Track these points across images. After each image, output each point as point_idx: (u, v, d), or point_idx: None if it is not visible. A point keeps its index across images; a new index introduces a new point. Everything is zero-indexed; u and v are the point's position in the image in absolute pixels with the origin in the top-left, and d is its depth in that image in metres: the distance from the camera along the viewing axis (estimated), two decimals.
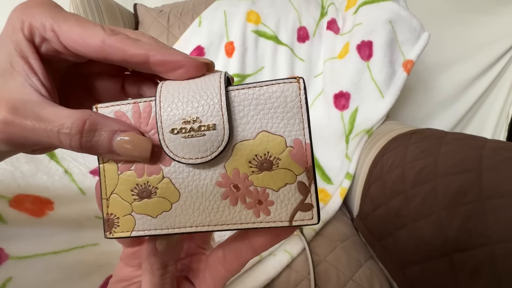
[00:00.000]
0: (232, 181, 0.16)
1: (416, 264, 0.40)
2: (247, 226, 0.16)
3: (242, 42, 0.78)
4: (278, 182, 0.16)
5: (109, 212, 0.17)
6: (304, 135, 0.15)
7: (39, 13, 0.15)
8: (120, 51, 0.15)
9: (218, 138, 0.15)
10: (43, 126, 0.14)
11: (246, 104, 0.16)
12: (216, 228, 0.16)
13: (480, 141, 0.40)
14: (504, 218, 0.31)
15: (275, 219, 0.16)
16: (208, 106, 0.15)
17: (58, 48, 0.16)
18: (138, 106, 0.16)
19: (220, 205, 0.16)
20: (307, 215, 0.15)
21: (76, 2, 0.74)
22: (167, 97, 0.16)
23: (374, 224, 0.52)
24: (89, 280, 0.39)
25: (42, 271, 0.37)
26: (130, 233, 0.17)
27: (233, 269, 0.18)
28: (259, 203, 0.16)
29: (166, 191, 0.16)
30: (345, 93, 0.71)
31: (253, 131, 0.16)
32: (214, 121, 0.15)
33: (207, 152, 0.15)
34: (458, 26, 0.98)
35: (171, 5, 0.90)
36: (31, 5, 0.16)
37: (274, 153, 0.16)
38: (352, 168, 0.63)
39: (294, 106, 0.15)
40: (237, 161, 0.16)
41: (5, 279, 0.34)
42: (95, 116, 0.15)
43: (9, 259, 0.36)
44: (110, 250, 0.43)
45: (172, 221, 0.16)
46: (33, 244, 0.39)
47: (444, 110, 1.05)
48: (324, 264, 0.46)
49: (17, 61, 0.15)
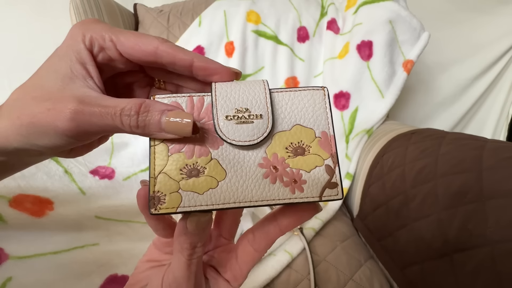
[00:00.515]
0: (272, 163, 0.19)
1: (416, 264, 0.40)
2: (284, 202, 0.18)
3: (242, 42, 0.78)
4: (310, 165, 0.19)
5: (156, 189, 0.18)
6: (329, 129, 0.20)
7: (98, 28, 0.19)
8: (170, 55, 0.19)
9: (263, 126, 0.19)
10: (109, 111, 0.17)
11: (283, 103, 0.20)
12: (257, 203, 0.18)
13: (480, 141, 0.40)
14: (504, 218, 0.31)
15: (307, 195, 0.18)
16: (256, 101, 0.19)
17: (114, 55, 0.19)
18: (192, 99, 0.19)
19: (261, 183, 0.19)
20: (333, 192, 0.18)
21: (76, 2, 0.74)
22: (221, 92, 0.19)
23: (374, 224, 0.52)
24: (89, 280, 0.39)
25: (42, 271, 0.37)
26: (176, 209, 0.18)
27: (262, 248, 0.21)
28: (294, 182, 0.19)
29: (214, 170, 0.19)
30: (345, 93, 0.71)
31: (289, 124, 0.19)
32: (261, 112, 0.19)
33: (254, 136, 0.19)
34: (458, 26, 0.98)
35: (171, 5, 0.90)
36: (89, 22, 0.19)
37: (306, 142, 0.19)
38: (352, 168, 0.63)
39: (321, 107, 0.20)
40: (276, 147, 0.19)
41: (5, 279, 0.34)
42: (148, 100, 0.18)
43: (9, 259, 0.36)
44: (110, 250, 0.43)
45: (218, 197, 0.18)
46: (33, 244, 0.39)
47: (444, 110, 1.05)
48: (324, 264, 0.46)
49: (77, 67, 0.18)
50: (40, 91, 0.17)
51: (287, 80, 0.79)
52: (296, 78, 0.81)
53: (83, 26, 0.19)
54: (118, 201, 0.54)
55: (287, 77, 0.79)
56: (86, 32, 0.19)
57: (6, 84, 1.02)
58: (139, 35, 0.19)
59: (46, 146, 0.18)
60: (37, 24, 1.00)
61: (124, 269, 0.41)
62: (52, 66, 0.18)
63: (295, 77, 0.81)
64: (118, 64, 0.20)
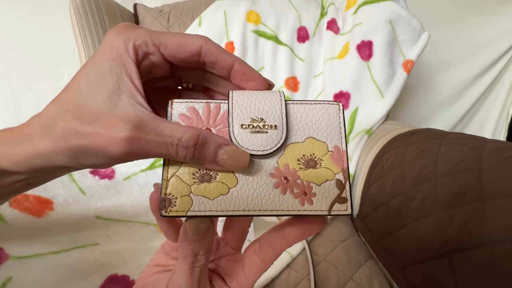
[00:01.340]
0: (283, 173, 0.19)
1: (416, 264, 0.40)
2: (293, 213, 0.18)
3: (242, 42, 0.78)
4: (321, 178, 0.19)
5: (168, 192, 0.18)
6: (342, 144, 0.20)
7: (139, 33, 0.18)
8: (214, 55, 0.19)
9: (277, 136, 0.19)
10: (165, 140, 0.16)
11: (298, 115, 0.20)
12: (267, 213, 0.18)
13: (480, 141, 0.40)
14: (504, 218, 0.31)
15: (316, 208, 0.18)
16: (271, 111, 0.19)
17: (157, 61, 0.19)
18: (209, 106, 0.20)
19: (271, 193, 0.19)
20: (342, 207, 0.19)
21: (76, 2, 0.74)
22: (238, 100, 0.19)
23: (374, 224, 0.52)
24: (89, 280, 0.39)
25: (42, 271, 0.37)
26: (186, 212, 0.18)
27: (268, 259, 0.21)
28: (304, 194, 0.19)
29: (226, 177, 0.19)
30: (345, 93, 0.71)
31: (302, 136, 0.20)
32: (276, 123, 0.19)
33: (268, 146, 0.19)
34: (458, 26, 0.98)
35: (171, 5, 0.90)
36: (126, 28, 0.18)
37: (318, 155, 0.19)
38: (352, 168, 0.63)
39: (335, 122, 0.20)
40: (288, 158, 0.19)
41: (5, 279, 0.34)
42: (204, 132, 0.17)
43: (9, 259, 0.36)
44: (110, 250, 0.43)
45: (228, 204, 0.18)
46: (33, 244, 0.39)
47: (444, 110, 1.04)
48: (324, 264, 0.46)
49: (124, 82, 0.17)
50: (84, 110, 0.16)
51: (287, 80, 0.79)
52: (296, 78, 0.81)
53: (122, 34, 0.17)
54: (118, 201, 0.54)
55: (287, 77, 0.79)
56: (128, 41, 0.17)
57: (6, 84, 1.02)
58: (181, 36, 0.18)
59: (92, 165, 0.17)
60: (37, 24, 1.00)
61: (124, 269, 0.41)
62: (95, 81, 0.17)
63: (295, 77, 0.81)
64: (159, 69, 0.20)
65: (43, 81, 1.03)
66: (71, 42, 0.82)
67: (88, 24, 0.76)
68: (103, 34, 0.78)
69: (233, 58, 0.19)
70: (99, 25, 0.78)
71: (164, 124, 0.17)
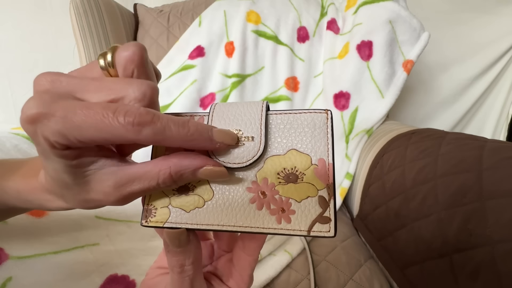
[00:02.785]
0: (260, 188, 0.18)
1: (416, 264, 0.40)
2: (268, 231, 0.17)
3: (242, 42, 0.78)
4: (301, 194, 0.17)
5: (150, 202, 0.19)
6: (328, 156, 0.18)
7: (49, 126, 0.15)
8: None
9: (254, 149, 0.18)
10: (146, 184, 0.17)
11: (281, 126, 0.18)
12: (240, 229, 0.17)
13: (480, 141, 0.40)
14: (504, 218, 0.31)
15: (294, 228, 0.17)
16: (250, 122, 0.18)
17: None
18: (193, 119, 0.19)
19: (247, 208, 0.18)
20: (324, 228, 0.17)
21: (76, 2, 0.74)
22: (218, 112, 0.19)
23: (374, 224, 0.52)
24: (89, 280, 0.39)
25: (42, 271, 0.37)
26: (163, 223, 0.18)
27: (253, 252, 0.21)
28: (282, 211, 0.17)
29: (202, 190, 0.18)
30: (345, 93, 0.71)
31: (284, 148, 0.18)
32: (253, 134, 0.18)
33: (244, 159, 0.18)
34: (458, 26, 0.98)
35: (171, 5, 0.90)
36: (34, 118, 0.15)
37: (300, 168, 0.18)
38: (352, 168, 0.63)
39: (321, 132, 0.18)
40: (267, 171, 0.18)
41: (5, 279, 0.34)
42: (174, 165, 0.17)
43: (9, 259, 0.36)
44: (110, 250, 0.43)
45: (203, 217, 0.18)
46: (33, 244, 0.39)
47: (444, 110, 1.04)
48: (324, 264, 0.46)
49: (79, 165, 0.16)
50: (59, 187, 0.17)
51: (287, 80, 0.79)
52: (296, 78, 0.81)
53: (39, 130, 0.14)
54: None
55: (287, 77, 0.79)
56: (47, 138, 0.14)
57: (6, 84, 1.02)
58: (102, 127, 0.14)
59: None
60: (37, 24, 1.00)
61: (124, 269, 0.41)
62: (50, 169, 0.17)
63: (295, 77, 0.81)
64: None
65: None
66: (71, 42, 0.82)
67: (88, 24, 0.76)
68: (103, 34, 0.78)
69: (178, 142, 0.16)
70: (99, 25, 0.78)
71: (136, 169, 0.17)
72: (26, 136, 0.50)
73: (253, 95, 0.80)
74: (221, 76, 0.78)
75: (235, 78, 0.78)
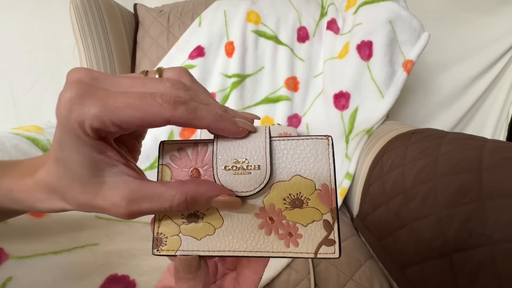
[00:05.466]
0: (268, 214, 0.19)
1: (416, 264, 0.40)
2: (278, 255, 0.18)
3: (242, 42, 0.78)
4: (307, 219, 0.18)
5: (159, 231, 0.19)
6: (330, 182, 0.18)
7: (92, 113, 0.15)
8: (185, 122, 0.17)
9: (261, 177, 0.18)
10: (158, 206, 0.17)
11: (285, 152, 0.19)
12: (251, 254, 0.18)
13: (480, 141, 0.40)
14: (504, 218, 0.31)
15: (302, 250, 0.18)
16: (255, 151, 0.19)
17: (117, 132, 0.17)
18: (197, 146, 0.20)
19: (256, 234, 0.18)
20: (330, 249, 0.18)
21: (76, 2, 0.74)
22: (222, 142, 0.19)
23: (374, 224, 0.52)
24: (89, 280, 0.39)
25: (42, 271, 0.37)
26: (175, 252, 0.19)
27: (258, 270, 0.21)
28: (290, 235, 0.18)
29: (212, 218, 0.19)
30: (345, 93, 0.71)
31: (289, 174, 0.19)
32: (259, 163, 0.18)
33: (251, 187, 0.18)
34: (458, 26, 0.98)
35: (171, 5, 0.90)
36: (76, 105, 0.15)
37: (305, 194, 0.18)
38: (352, 168, 0.63)
39: (323, 158, 0.19)
40: (273, 198, 0.19)
41: (5, 279, 0.34)
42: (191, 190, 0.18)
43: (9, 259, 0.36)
44: (110, 250, 0.43)
45: (214, 244, 0.19)
46: (33, 244, 0.39)
47: (444, 110, 1.04)
48: (324, 264, 0.46)
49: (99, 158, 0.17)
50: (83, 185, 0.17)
51: (287, 80, 0.79)
52: (296, 78, 0.81)
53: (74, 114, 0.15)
54: None
55: (287, 77, 0.79)
56: (82, 123, 0.15)
57: (6, 83, 1.02)
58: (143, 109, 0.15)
59: None
60: (37, 24, 1.00)
61: (124, 269, 0.41)
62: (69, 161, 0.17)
63: (295, 77, 0.81)
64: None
65: (43, 81, 1.03)
66: (71, 42, 0.82)
67: (88, 24, 0.76)
68: (103, 34, 0.78)
69: (207, 121, 0.17)
70: (99, 25, 0.78)
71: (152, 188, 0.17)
72: (26, 136, 0.50)
73: (253, 95, 0.80)
74: (221, 76, 0.78)
75: (235, 78, 0.78)
